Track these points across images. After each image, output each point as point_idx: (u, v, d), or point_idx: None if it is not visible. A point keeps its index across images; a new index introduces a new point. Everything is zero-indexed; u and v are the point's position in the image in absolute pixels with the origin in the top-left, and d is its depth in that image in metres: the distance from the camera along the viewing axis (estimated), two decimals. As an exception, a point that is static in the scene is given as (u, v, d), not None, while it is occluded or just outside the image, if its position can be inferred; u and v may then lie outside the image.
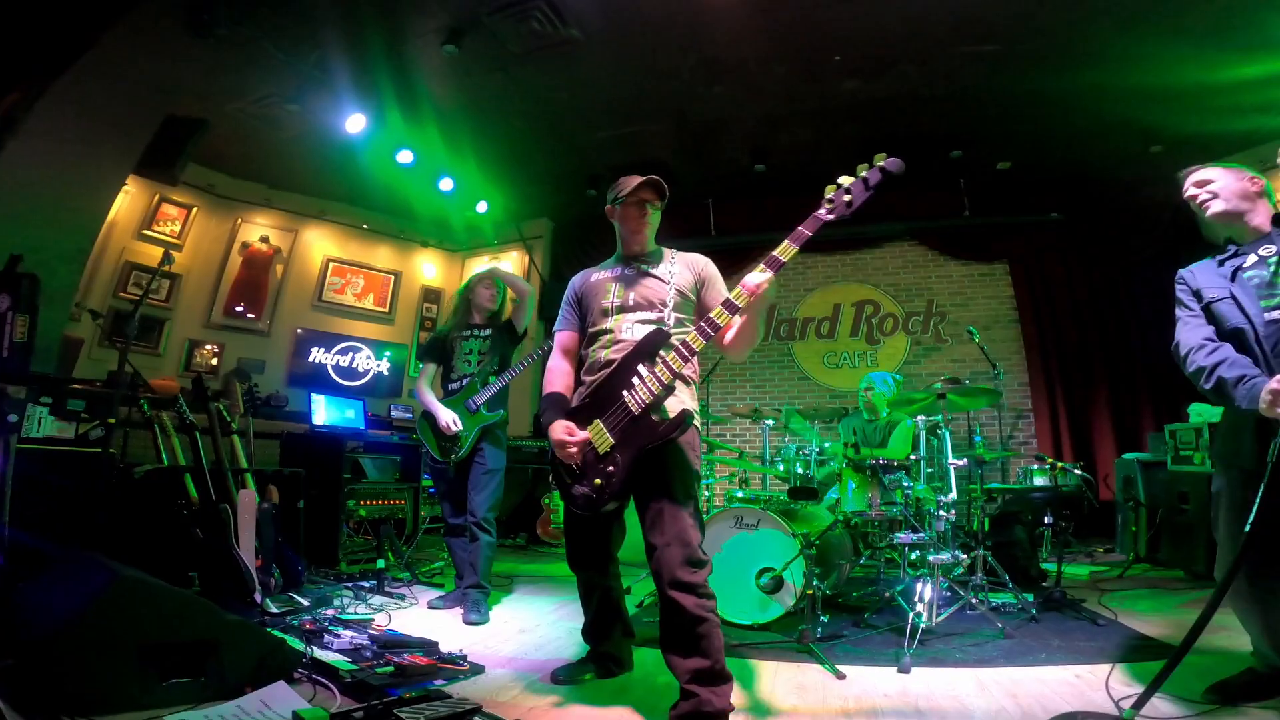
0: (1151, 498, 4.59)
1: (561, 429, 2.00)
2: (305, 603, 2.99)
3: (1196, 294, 1.97)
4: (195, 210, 6.15)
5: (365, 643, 2.38)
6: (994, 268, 6.47)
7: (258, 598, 2.78)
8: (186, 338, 6.11)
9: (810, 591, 2.75)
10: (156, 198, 5.88)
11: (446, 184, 5.88)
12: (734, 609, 3.05)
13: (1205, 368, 1.83)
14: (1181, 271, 2.06)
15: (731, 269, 6.61)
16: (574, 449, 1.96)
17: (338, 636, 2.42)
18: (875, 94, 4.93)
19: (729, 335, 1.97)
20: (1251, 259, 1.88)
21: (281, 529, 3.28)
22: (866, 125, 5.33)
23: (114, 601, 1.75)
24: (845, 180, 1.79)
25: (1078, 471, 3.79)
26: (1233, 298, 1.87)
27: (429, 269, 7.55)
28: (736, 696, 2.01)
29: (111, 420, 2.94)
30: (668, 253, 2.24)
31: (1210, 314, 1.92)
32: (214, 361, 6.17)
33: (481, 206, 6.33)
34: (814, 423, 4.99)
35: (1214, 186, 1.96)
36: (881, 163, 1.75)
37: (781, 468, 3.96)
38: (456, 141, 5.50)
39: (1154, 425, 5.44)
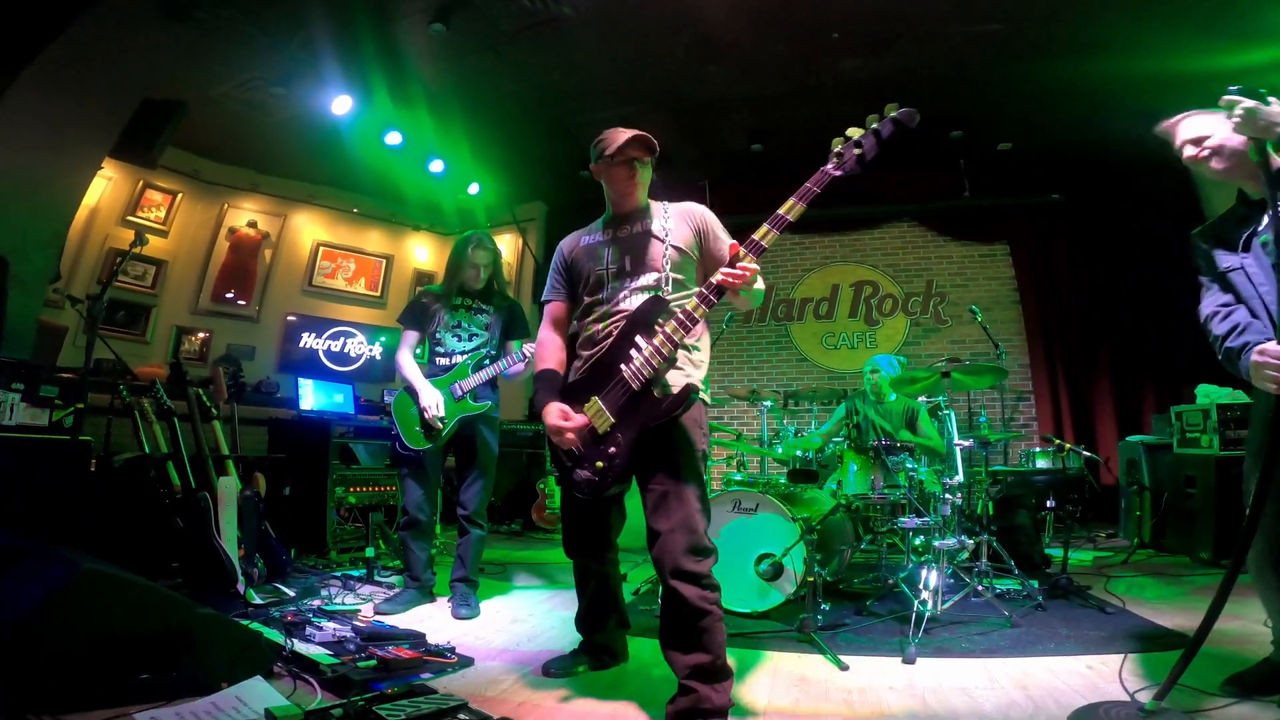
0: (1156, 482, 4.52)
1: (556, 413, 1.86)
2: (290, 593, 2.89)
3: (1209, 260, 1.85)
4: (180, 196, 6.03)
5: (349, 635, 2.30)
6: (994, 249, 6.38)
7: (240, 588, 2.70)
8: (174, 325, 6.01)
9: (811, 578, 2.67)
10: (140, 184, 5.75)
11: (437, 166, 5.77)
12: (732, 596, 2.97)
13: (1218, 336, 1.74)
14: (1193, 233, 1.93)
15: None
16: (571, 435, 1.83)
17: (320, 629, 2.33)
18: (874, 73, 4.81)
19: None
20: (1265, 219, 1.72)
21: (267, 517, 3.19)
22: (865, 105, 5.05)
23: (75, 595, 1.65)
24: (854, 132, 1.67)
25: (1085, 453, 3.70)
26: (1244, 269, 1.75)
27: (421, 253, 7.43)
28: (735, 689, 1.93)
29: (81, 405, 2.83)
30: (658, 207, 2.06)
31: (1225, 285, 1.81)
32: (199, 348, 6.07)
33: (473, 189, 6.21)
34: (814, 404, 4.91)
35: (1212, 143, 1.80)
36: (894, 114, 1.64)
37: (781, 451, 3.87)
38: (446, 123, 5.37)
39: (1156, 407, 5.38)
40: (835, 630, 2.63)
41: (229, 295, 6.26)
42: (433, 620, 2.81)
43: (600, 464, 1.81)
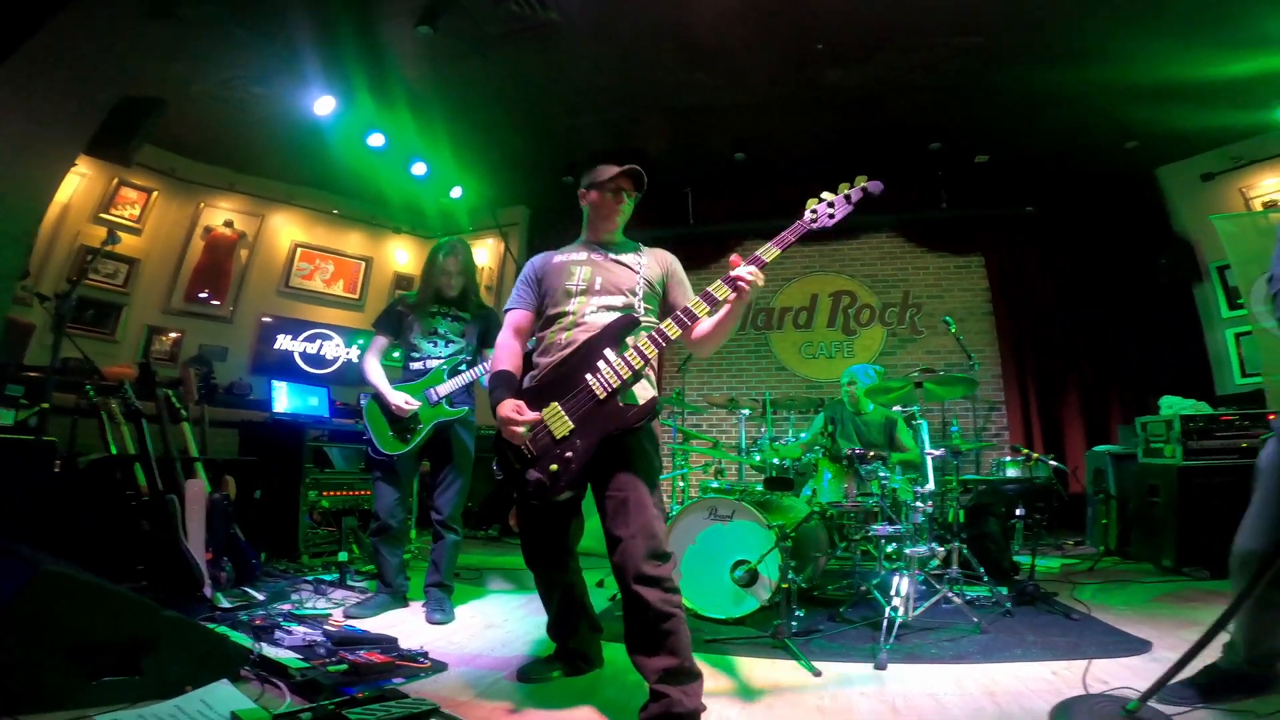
0: (1122, 490, 4.62)
1: (511, 406, 1.88)
2: (260, 597, 2.85)
3: None
4: (155, 194, 5.92)
5: (319, 639, 2.27)
6: (969, 260, 6.50)
7: (207, 592, 2.65)
8: (145, 324, 5.89)
9: (785, 585, 2.69)
10: (115, 181, 5.64)
11: (419, 169, 5.73)
12: (708, 603, 2.98)
13: None
14: None
15: (709, 259, 6.57)
16: (520, 428, 1.85)
17: (289, 633, 2.30)
18: (857, 83, 4.88)
19: (701, 328, 1.92)
20: None
21: (237, 520, 3.14)
22: (848, 115, 5.28)
23: (35, 596, 1.61)
24: (828, 196, 1.85)
25: (1053, 463, 3.78)
26: None
27: (402, 255, 7.36)
28: (709, 695, 1.94)
29: (46, 405, 2.77)
30: (636, 246, 2.17)
31: None
32: (170, 349, 5.95)
33: (456, 192, 6.17)
34: (792, 413, 4.96)
35: None
36: (864, 184, 1.86)
37: (758, 458, 3.90)
38: (430, 125, 5.34)
39: (1123, 418, 5.51)
40: (809, 636, 2.65)
41: (202, 295, 6.15)
42: (406, 625, 2.78)
43: (554, 467, 1.83)
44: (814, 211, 1.85)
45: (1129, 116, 5.06)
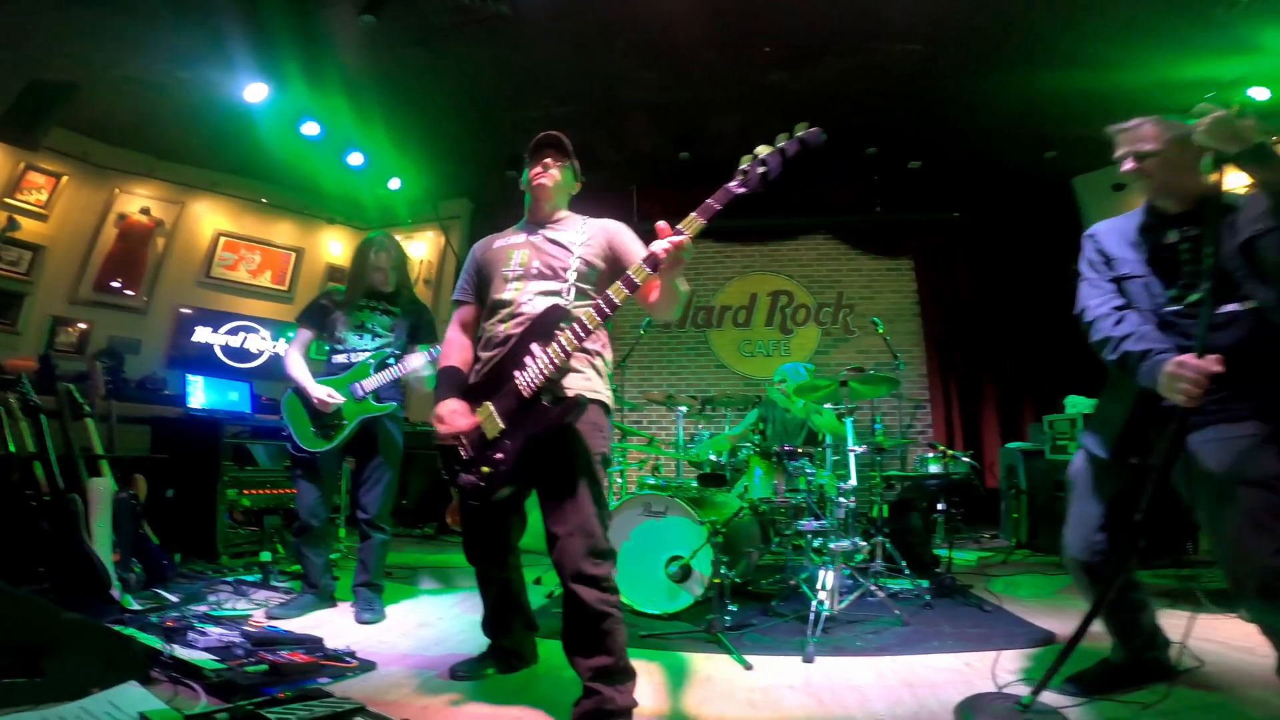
0: (1031, 485, 4.91)
1: (448, 406, 1.87)
2: (173, 599, 2.72)
3: (1108, 261, 1.85)
4: (65, 179, 5.52)
5: (236, 640, 2.18)
6: (900, 263, 6.74)
7: (115, 594, 2.50)
8: (49, 315, 5.49)
9: (718, 580, 2.74)
10: (21, 165, 5.23)
11: (356, 159, 5.55)
12: (643, 598, 3.01)
13: (1112, 338, 1.73)
14: (1095, 230, 1.92)
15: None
16: (449, 429, 1.84)
17: (204, 634, 2.21)
18: (801, 87, 4.99)
19: (652, 295, 1.86)
20: (1172, 237, 1.75)
21: (148, 520, 2.97)
22: (791, 117, 5.22)
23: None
24: (761, 150, 1.71)
25: (965, 459, 3.99)
26: (1144, 279, 1.76)
27: (335, 246, 7.09)
28: (642, 690, 1.96)
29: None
30: (576, 219, 2.10)
31: (1119, 286, 1.81)
32: (76, 341, 5.58)
33: (394, 183, 6.01)
34: (730, 410, 5.05)
35: (1152, 163, 1.75)
36: (801, 133, 1.70)
37: (696, 452, 3.96)
38: (368, 115, 5.17)
39: (1035, 416, 5.83)
40: (742, 631, 2.71)
41: (114, 284, 5.77)
42: (333, 625, 2.70)
43: (486, 469, 1.81)
44: (743, 173, 1.71)
45: (1048, 127, 5.32)
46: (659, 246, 1.70)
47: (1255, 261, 1.61)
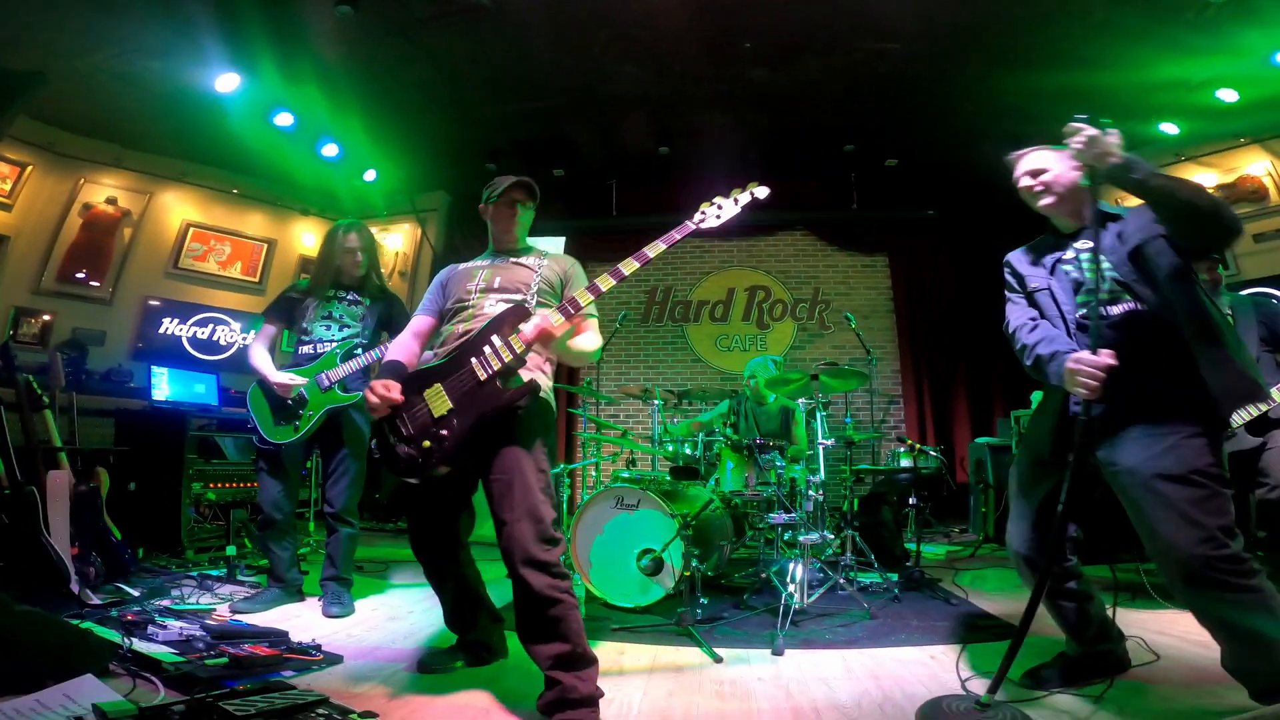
0: (999, 480, 4.99)
1: (380, 381, 1.91)
2: (134, 593, 2.66)
3: (1020, 280, 2.03)
4: (30, 168, 5.37)
5: (197, 634, 2.15)
6: (876, 259, 6.82)
7: (74, 587, 2.44)
8: (11, 305, 5.34)
9: (689, 573, 2.75)
10: (-16, 155, 5.09)
11: (330, 150, 5.45)
12: (615, 591, 3.02)
13: (1027, 345, 1.89)
14: (1008, 256, 2.11)
15: (631, 250, 6.51)
16: (381, 397, 1.87)
17: (164, 628, 2.17)
18: (780, 84, 5.00)
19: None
20: (1070, 253, 1.92)
21: (110, 513, 2.91)
22: (770, 114, 5.41)
23: None
24: (720, 199, 2.00)
25: (934, 454, 4.05)
26: (1050, 290, 1.92)
27: (309, 238, 6.96)
28: (613, 682, 1.96)
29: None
30: (536, 251, 2.25)
31: (1032, 301, 1.99)
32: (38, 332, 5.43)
33: (370, 175, 5.92)
34: (705, 404, 5.07)
35: (1047, 178, 1.94)
36: (754, 189, 2.00)
37: (670, 448, 3.98)
38: (344, 106, 5.07)
39: (1004, 412, 5.95)
40: (713, 624, 2.73)
41: (79, 275, 5.63)
42: (300, 619, 2.67)
43: (427, 443, 1.84)
44: (702, 213, 1.99)
45: (1022, 126, 5.36)
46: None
47: (1144, 267, 1.77)
